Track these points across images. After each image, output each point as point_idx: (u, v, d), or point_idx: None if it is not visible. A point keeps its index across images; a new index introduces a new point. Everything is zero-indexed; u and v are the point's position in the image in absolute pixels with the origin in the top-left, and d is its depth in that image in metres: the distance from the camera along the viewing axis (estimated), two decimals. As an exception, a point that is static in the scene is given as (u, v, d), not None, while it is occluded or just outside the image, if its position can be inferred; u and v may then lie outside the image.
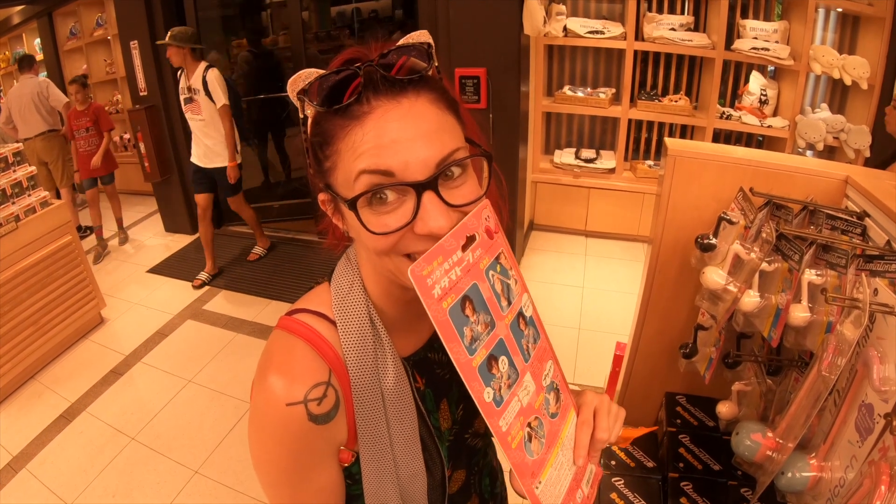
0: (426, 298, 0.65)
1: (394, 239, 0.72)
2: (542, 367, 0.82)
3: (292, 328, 0.85)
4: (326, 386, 0.81)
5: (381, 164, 0.69)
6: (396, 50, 0.74)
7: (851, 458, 1.02)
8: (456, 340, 0.68)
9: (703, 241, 1.47)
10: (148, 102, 5.85)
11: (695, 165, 1.65)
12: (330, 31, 5.92)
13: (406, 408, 0.87)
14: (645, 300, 1.88)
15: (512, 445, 0.74)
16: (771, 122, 4.71)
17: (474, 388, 0.69)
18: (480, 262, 0.73)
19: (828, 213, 1.35)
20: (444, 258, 0.68)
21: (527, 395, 0.78)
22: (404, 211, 0.71)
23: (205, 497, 3.03)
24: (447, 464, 0.98)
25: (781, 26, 4.50)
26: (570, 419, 0.86)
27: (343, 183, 0.74)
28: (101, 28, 7.48)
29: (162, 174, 6.03)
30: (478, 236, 0.73)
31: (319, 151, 0.76)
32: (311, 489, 0.84)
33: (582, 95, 5.19)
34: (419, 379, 0.94)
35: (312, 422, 0.79)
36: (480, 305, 0.72)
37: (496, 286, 0.75)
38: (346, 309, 0.85)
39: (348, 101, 0.71)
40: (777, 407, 1.34)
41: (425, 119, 0.72)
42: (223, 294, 5.08)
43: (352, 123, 0.71)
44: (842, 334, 1.00)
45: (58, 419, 3.67)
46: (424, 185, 0.70)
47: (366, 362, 0.83)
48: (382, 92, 0.71)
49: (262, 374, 0.82)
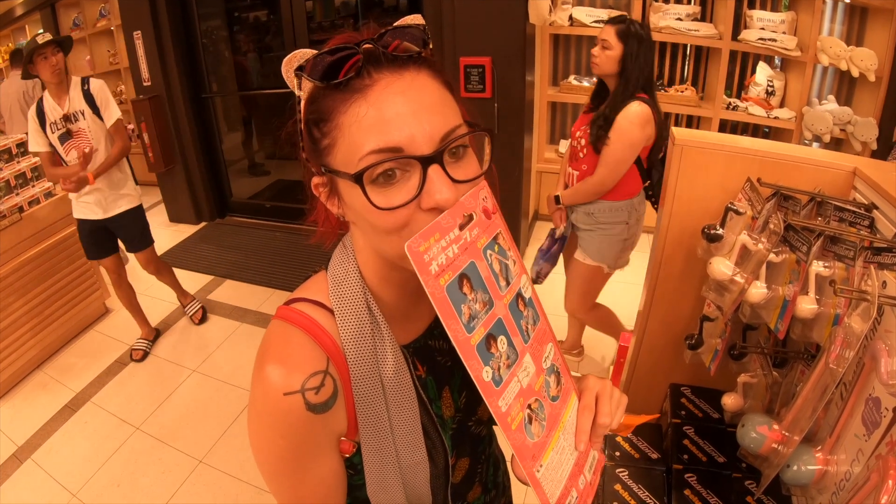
0: (423, 275, 0.65)
1: (401, 216, 0.71)
2: (541, 349, 0.82)
3: (289, 317, 0.85)
4: (324, 374, 0.81)
5: (389, 140, 0.68)
6: (392, 31, 0.74)
7: (858, 452, 1.01)
8: (454, 318, 0.68)
9: (710, 232, 1.46)
10: (151, 93, 5.86)
11: (702, 155, 1.64)
12: (334, 20, 5.90)
13: (406, 396, 0.87)
14: (650, 291, 1.87)
15: (512, 427, 0.74)
16: (777, 113, 4.67)
17: (473, 366, 0.69)
18: (478, 241, 0.73)
19: (836, 204, 1.33)
20: (441, 235, 0.67)
21: (526, 377, 0.78)
22: (409, 186, 0.71)
23: (209, 486, 3.04)
24: (450, 452, 0.98)
25: (789, 17, 4.46)
26: (571, 403, 0.86)
27: (344, 159, 0.73)
28: (104, 19, 7.47)
29: (166, 164, 6.04)
30: (475, 216, 0.73)
31: (316, 129, 0.75)
32: (312, 479, 0.84)
33: (587, 85, 5.14)
34: (420, 367, 0.94)
35: (311, 411, 0.79)
36: (478, 284, 0.72)
37: (494, 266, 0.75)
38: (342, 297, 0.85)
39: (348, 76, 0.70)
40: (783, 399, 1.33)
41: (428, 92, 0.72)
42: (227, 283, 5.08)
43: (354, 96, 0.70)
44: (850, 327, 0.99)
45: (62, 409, 3.69)
46: (430, 159, 0.70)
47: (364, 350, 0.83)
48: (384, 66, 0.71)
49: (260, 364, 0.82)
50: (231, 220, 6.32)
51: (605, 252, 3.03)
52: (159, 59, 5.71)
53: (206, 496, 2.99)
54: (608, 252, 3.03)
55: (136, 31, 5.69)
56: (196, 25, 5.81)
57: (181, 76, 5.81)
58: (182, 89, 5.85)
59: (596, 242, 3.03)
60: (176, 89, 5.83)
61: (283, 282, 5.05)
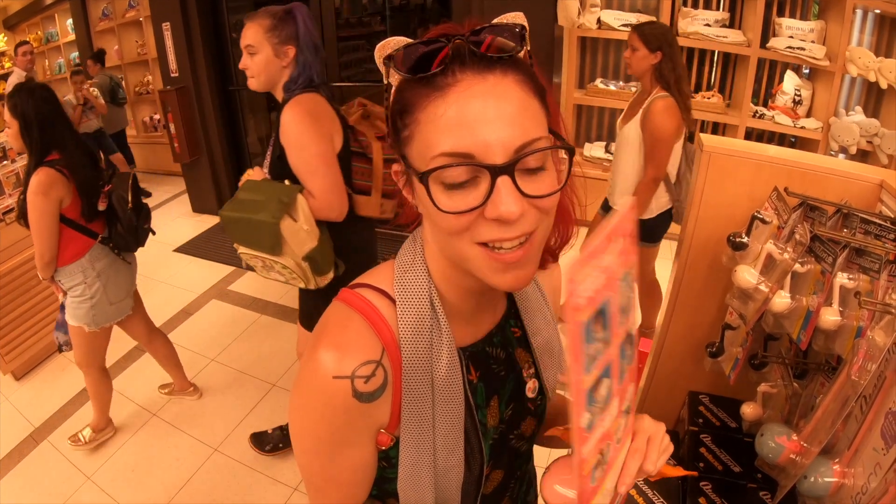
0: (570, 308, 0.59)
1: (465, 220, 0.70)
2: (626, 390, 0.78)
3: (351, 301, 0.84)
4: (377, 365, 0.80)
5: (461, 145, 0.67)
6: (489, 28, 0.73)
7: (875, 466, 1.00)
8: (580, 359, 0.62)
9: (736, 240, 1.46)
10: (179, 84, 5.91)
11: (730, 162, 1.64)
12: (361, 16, 5.92)
13: (455, 398, 0.86)
14: (673, 297, 1.87)
15: (584, 472, 0.70)
16: (804, 122, 4.64)
17: (577, 411, 0.65)
18: (618, 272, 0.67)
19: (862, 216, 1.33)
20: (597, 263, 0.62)
21: (610, 420, 0.73)
22: (477, 193, 0.69)
23: (223, 475, 3.07)
24: (487, 461, 0.95)
25: (818, 26, 4.43)
26: (626, 445, 0.83)
27: (418, 155, 0.72)
28: (133, 10, 7.56)
29: (191, 155, 6.10)
30: (622, 242, 0.67)
31: (399, 120, 0.74)
32: (343, 465, 0.85)
33: (614, 89, 5.15)
34: (473, 371, 0.92)
35: (356, 398, 0.79)
36: (607, 322, 0.66)
37: (622, 300, 0.70)
38: (406, 288, 0.84)
39: (433, 71, 0.69)
40: (802, 411, 1.33)
41: (509, 100, 0.69)
42: (249, 275, 5.11)
43: (434, 94, 0.69)
44: (872, 339, 0.99)
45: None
46: (501, 170, 0.67)
47: (420, 345, 0.82)
48: (469, 66, 0.69)
49: (315, 344, 0.81)
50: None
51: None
52: (187, 51, 5.75)
53: (220, 484, 3.02)
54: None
55: (164, 22, 5.74)
56: (225, 18, 5.85)
57: (209, 68, 5.86)
58: (209, 81, 5.90)
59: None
60: (203, 81, 5.87)
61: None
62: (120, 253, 2.87)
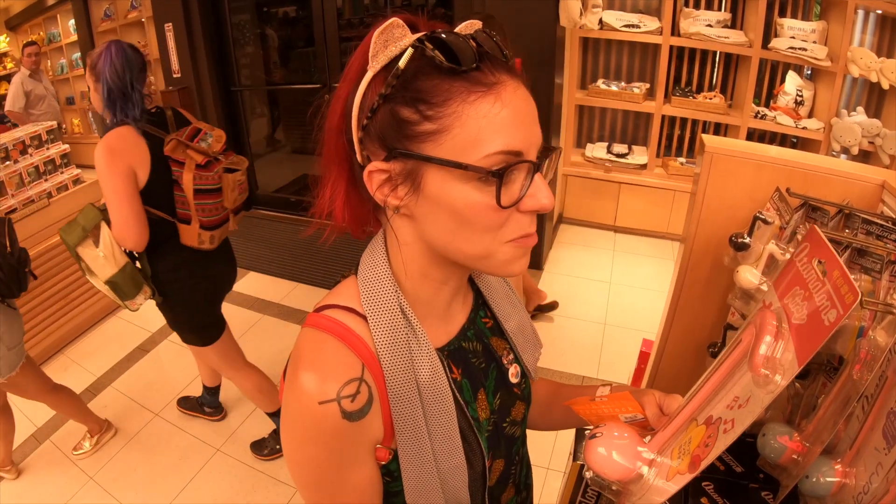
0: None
1: (505, 214, 0.74)
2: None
3: (321, 324, 0.83)
4: (359, 382, 0.79)
5: (516, 143, 0.71)
6: (502, 38, 0.77)
7: (877, 466, 1.00)
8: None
9: (738, 241, 1.46)
10: (181, 84, 5.90)
11: (731, 163, 1.64)
12: (363, 16, 5.92)
13: (444, 400, 0.85)
14: (675, 297, 1.87)
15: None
16: (806, 123, 4.64)
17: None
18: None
19: (863, 217, 1.33)
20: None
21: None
22: (514, 188, 0.74)
23: (225, 475, 3.08)
24: (487, 455, 0.95)
25: (820, 26, 4.42)
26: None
27: (457, 150, 0.71)
28: (135, 10, 7.53)
29: (193, 155, 6.06)
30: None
31: (413, 110, 0.71)
32: (348, 488, 0.83)
33: (616, 89, 5.16)
34: (455, 369, 0.92)
35: (347, 419, 0.78)
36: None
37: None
38: (375, 301, 0.83)
39: (475, 66, 0.71)
40: (804, 411, 1.33)
41: (533, 103, 0.76)
42: (251, 275, 5.13)
43: (481, 89, 0.71)
44: (874, 340, 0.99)
45: (83, 393, 3.73)
46: (538, 166, 0.75)
47: (399, 355, 0.82)
48: (500, 66, 0.73)
49: (293, 372, 0.80)
50: (256, 213, 6.35)
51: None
52: (189, 51, 5.75)
53: (222, 484, 3.03)
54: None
55: (167, 23, 5.73)
56: (227, 19, 5.85)
57: (211, 68, 5.85)
58: (211, 81, 5.89)
59: None
60: (205, 81, 5.87)
61: (306, 276, 5.08)
62: (4, 300, 2.73)
